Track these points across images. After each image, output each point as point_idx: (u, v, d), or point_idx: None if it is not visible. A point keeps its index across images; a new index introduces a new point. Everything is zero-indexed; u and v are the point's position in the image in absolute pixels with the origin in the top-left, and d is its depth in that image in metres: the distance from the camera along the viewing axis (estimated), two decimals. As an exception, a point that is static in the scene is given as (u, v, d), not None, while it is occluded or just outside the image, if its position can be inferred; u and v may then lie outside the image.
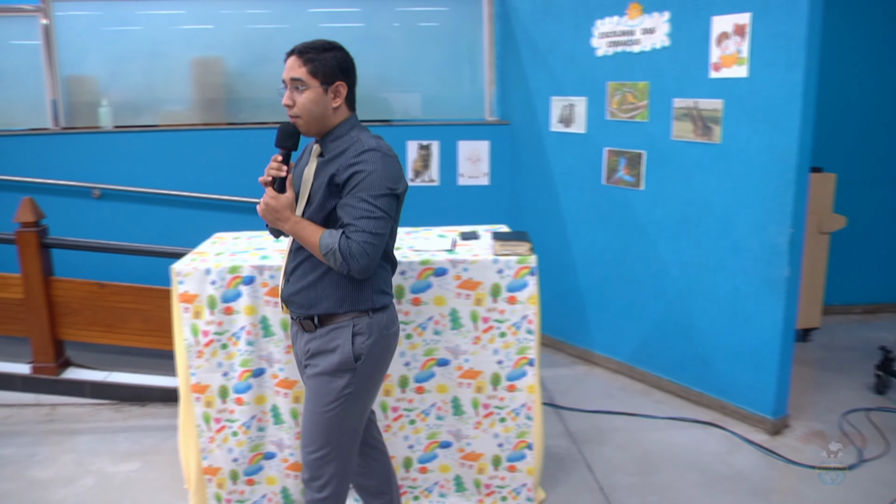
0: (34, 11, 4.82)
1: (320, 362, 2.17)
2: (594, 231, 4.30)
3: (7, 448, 3.51)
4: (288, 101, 2.09)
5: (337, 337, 2.15)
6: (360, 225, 2.01)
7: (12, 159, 4.84)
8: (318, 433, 2.20)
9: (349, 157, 2.05)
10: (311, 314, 2.17)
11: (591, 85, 4.16)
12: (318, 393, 2.18)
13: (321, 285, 2.14)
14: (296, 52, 2.09)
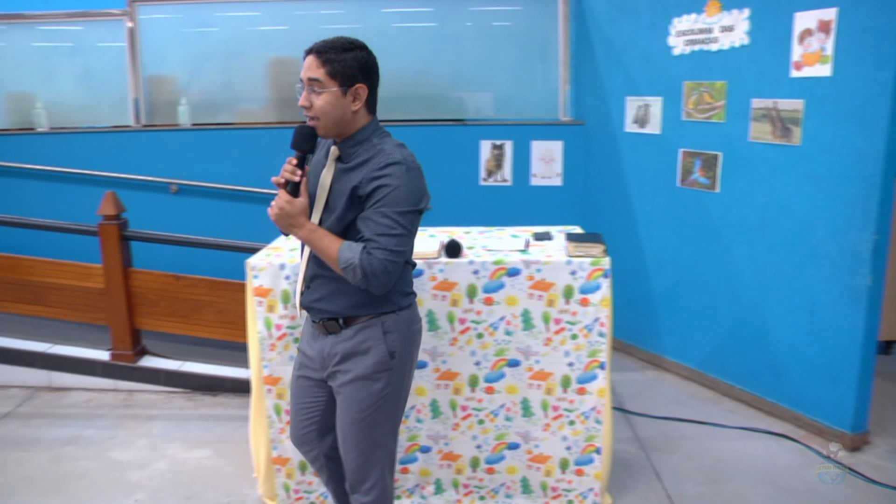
0: (121, 15, 5.02)
1: (353, 366, 2.11)
2: (667, 234, 4.21)
3: (89, 429, 3.67)
4: (305, 102, 1.99)
5: (368, 337, 2.10)
6: (382, 242, 1.94)
7: (96, 155, 5.04)
8: (361, 438, 2.16)
9: (373, 169, 1.96)
10: (335, 316, 2.12)
11: (666, 84, 4.07)
12: (355, 398, 2.13)
13: (346, 291, 2.08)
14: (314, 50, 1.98)
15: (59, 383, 4.17)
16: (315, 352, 2.21)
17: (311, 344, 2.24)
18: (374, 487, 2.22)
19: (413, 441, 2.86)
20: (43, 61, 5.22)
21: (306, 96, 1.99)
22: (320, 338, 2.19)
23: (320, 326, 2.16)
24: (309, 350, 2.25)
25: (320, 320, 2.15)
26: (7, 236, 4.61)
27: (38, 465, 3.32)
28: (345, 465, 2.24)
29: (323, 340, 2.17)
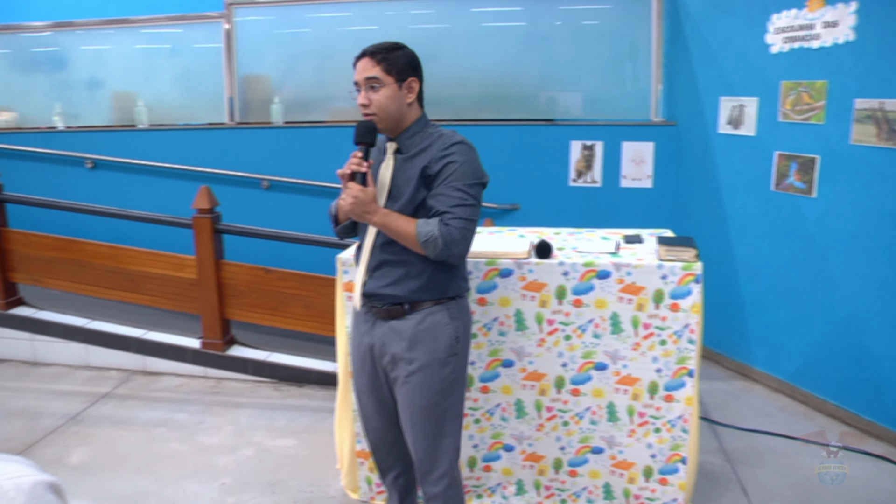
0: (218, 17, 5.22)
1: (420, 354, 2.18)
2: (760, 240, 4.07)
3: (179, 413, 3.82)
4: (364, 100, 2.13)
5: (436, 323, 2.19)
6: (457, 212, 2.08)
7: (192, 151, 5.25)
8: (431, 425, 2.23)
9: (439, 150, 2.12)
10: (401, 301, 2.19)
11: (763, 84, 3.93)
12: (424, 385, 2.19)
13: (411, 277, 2.17)
14: (367, 53, 2.14)
15: (153, 368, 4.36)
16: (372, 342, 2.27)
17: (367, 337, 2.29)
18: (444, 476, 2.27)
19: (497, 439, 2.86)
20: (144, 62, 5.48)
21: (364, 95, 2.13)
22: (378, 325, 2.25)
23: (382, 313, 2.23)
24: (365, 341, 2.30)
25: (383, 306, 2.21)
26: (108, 227, 4.82)
27: (133, 443, 3.49)
28: (414, 455, 2.30)
29: (382, 328, 2.24)
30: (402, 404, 2.26)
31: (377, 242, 2.22)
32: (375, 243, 2.22)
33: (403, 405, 2.25)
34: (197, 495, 3.05)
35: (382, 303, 2.21)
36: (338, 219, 2.37)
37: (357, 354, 2.37)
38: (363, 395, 2.40)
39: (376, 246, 2.22)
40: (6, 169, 4.73)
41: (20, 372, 4.40)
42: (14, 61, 5.71)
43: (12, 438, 3.52)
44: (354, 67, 2.17)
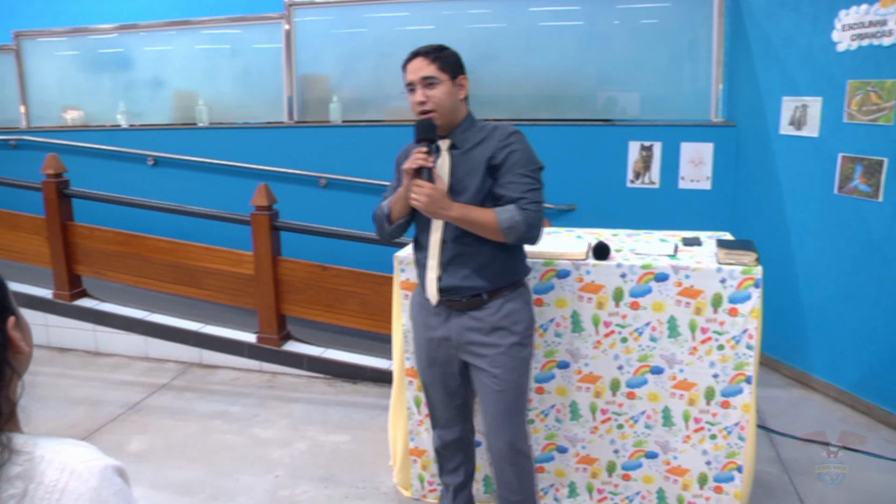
0: (278, 18, 5.31)
1: (503, 338, 2.28)
2: (822, 244, 3.95)
3: (235, 406, 3.90)
4: (421, 97, 2.20)
5: (515, 308, 2.30)
6: (530, 196, 2.18)
7: (251, 149, 5.36)
8: (516, 405, 2.35)
9: (500, 140, 2.21)
10: (480, 292, 2.27)
11: (828, 83, 3.81)
12: (509, 367, 2.29)
13: (486, 265, 2.25)
14: (420, 54, 2.22)
15: (209, 361, 4.46)
16: (451, 332, 2.33)
17: (440, 329, 2.36)
18: (529, 448, 2.43)
19: (550, 440, 2.85)
20: (205, 62, 5.62)
21: (421, 93, 2.20)
22: (454, 317, 2.32)
23: (461, 305, 2.29)
24: (438, 334, 2.36)
25: (462, 299, 2.28)
26: (168, 222, 4.94)
27: (189, 434, 3.58)
28: (497, 439, 2.37)
29: (459, 319, 2.31)
30: (489, 389, 2.33)
31: (447, 237, 2.27)
32: (445, 238, 2.27)
33: (490, 390, 2.32)
34: (251, 487, 3.11)
35: (461, 296, 2.28)
36: (390, 218, 2.38)
37: (427, 348, 2.43)
38: (433, 386, 2.47)
39: (446, 241, 2.27)
40: (73, 165, 4.88)
41: (83, 361, 4.56)
42: (82, 62, 5.92)
43: (77, 425, 3.65)
44: (405, 70, 2.25)
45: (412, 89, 2.23)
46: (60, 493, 0.87)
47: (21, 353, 0.96)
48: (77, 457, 0.91)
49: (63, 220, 4.65)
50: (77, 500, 0.88)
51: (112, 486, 0.91)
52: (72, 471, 0.89)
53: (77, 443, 0.94)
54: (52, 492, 0.87)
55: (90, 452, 0.93)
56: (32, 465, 0.89)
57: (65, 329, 4.69)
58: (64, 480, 0.88)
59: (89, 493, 0.89)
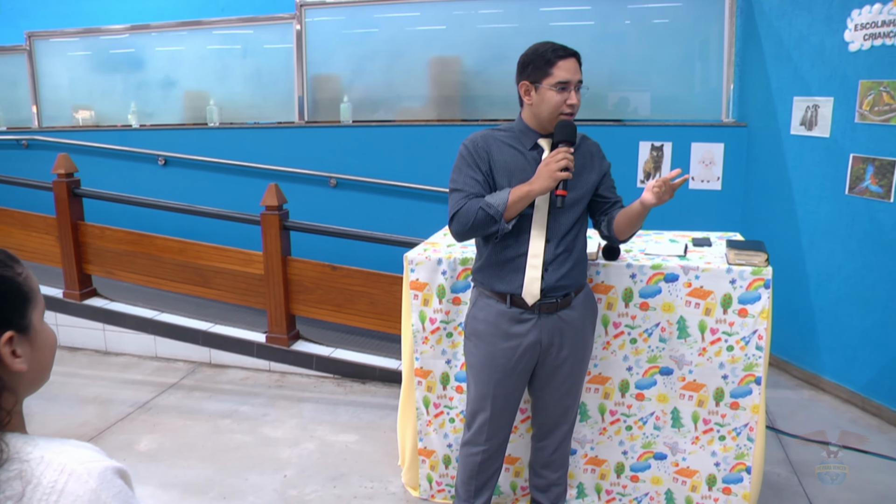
0: (289, 19, 5.32)
1: (583, 332, 2.42)
2: (832, 245, 3.93)
3: (244, 406, 3.91)
4: (577, 100, 2.22)
5: (591, 300, 2.48)
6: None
7: (262, 149, 5.37)
8: (577, 398, 2.55)
9: (598, 151, 2.43)
10: (571, 290, 2.35)
11: (840, 83, 3.79)
12: (583, 360, 2.47)
13: (577, 263, 2.35)
14: (574, 54, 2.20)
15: (219, 360, 4.47)
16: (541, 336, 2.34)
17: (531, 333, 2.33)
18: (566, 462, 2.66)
19: (559, 442, 2.84)
20: (216, 63, 5.64)
21: (575, 96, 2.22)
22: (543, 319, 2.32)
23: (552, 307, 2.32)
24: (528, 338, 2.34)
25: (557, 299, 2.32)
26: (179, 222, 4.97)
27: (199, 433, 3.59)
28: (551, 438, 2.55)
29: (548, 320, 2.33)
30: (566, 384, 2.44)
31: (550, 237, 2.29)
32: (549, 237, 2.29)
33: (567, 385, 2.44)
34: (260, 486, 3.11)
35: (556, 296, 2.31)
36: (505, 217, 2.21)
37: (507, 358, 2.35)
38: (505, 399, 2.42)
39: (549, 240, 2.28)
40: (84, 165, 4.91)
41: (93, 360, 4.58)
42: (93, 62, 5.95)
43: (86, 424, 3.66)
44: (554, 65, 2.18)
45: (564, 88, 2.19)
46: (59, 495, 0.88)
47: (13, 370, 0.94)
48: (76, 458, 0.91)
49: (74, 220, 4.68)
50: (75, 502, 0.88)
51: (112, 488, 0.91)
52: (70, 472, 0.89)
53: (78, 444, 0.94)
54: (49, 493, 0.87)
55: (90, 454, 0.93)
56: (31, 466, 0.89)
57: (75, 328, 4.71)
58: (62, 482, 0.88)
59: (88, 494, 0.89)
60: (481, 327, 2.38)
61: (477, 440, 2.50)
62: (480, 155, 2.28)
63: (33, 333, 0.98)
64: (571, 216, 2.31)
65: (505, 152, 2.28)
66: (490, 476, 2.58)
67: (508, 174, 2.25)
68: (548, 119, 2.23)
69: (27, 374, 0.97)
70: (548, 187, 2.17)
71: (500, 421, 2.47)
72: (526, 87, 2.26)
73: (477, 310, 2.42)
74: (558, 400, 2.47)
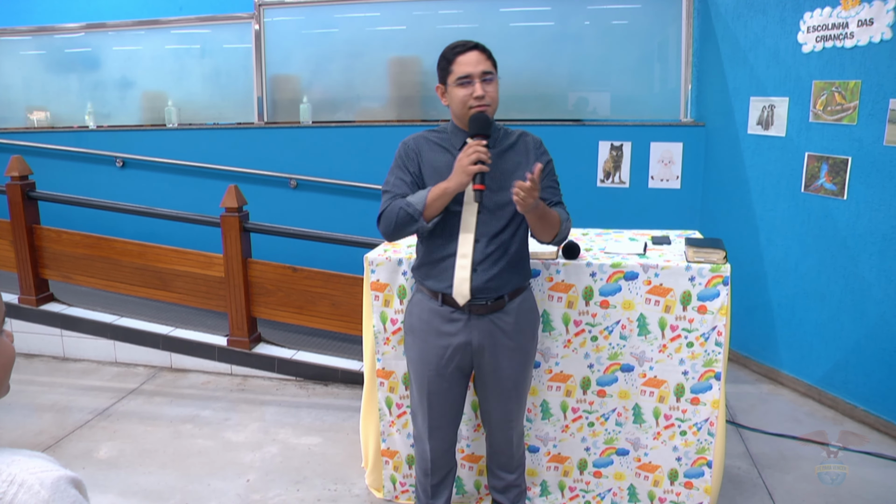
0: (248, 18, 5.26)
1: (519, 336, 2.34)
2: (789, 242, 4.01)
3: (206, 410, 3.86)
4: (481, 91, 2.16)
5: (530, 307, 2.40)
6: (562, 202, 2.37)
7: (221, 150, 5.30)
8: (521, 404, 2.46)
9: (536, 147, 2.33)
10: (503, 294, 2.28)
11: (794, 84, 3.88)
12: (521, 365, 2.38)
13: (511, 265, 2.28)
14: (476, 47, 2.20)
15: (179, 365, 4.41)
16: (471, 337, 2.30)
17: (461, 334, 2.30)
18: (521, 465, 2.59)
19: (521, 440, 2.85)
20: (174, 62, 5.55)
21: (481, 87, 2.16)
22: (474, 321, 2.28)
23: (484, 309, 2.27)
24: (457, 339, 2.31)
25: (487, 301, 2.26)
26: (137, 225, 4.89)
27: (160, 439, 3.53)
28: (500, 441, 2.47)
29: (479, 322, 2.28)
30: (504, 388, 2.37)
31: (480, 237, 2.23)
32: (478, 237, 2.23)
33: (505, 389, 2.37)
34: (222, 491, 3.07)
35: (486, 297, 2.26)
36: (425, 216, 2.20)
37: (439, 356, 2.34)
38: (439, 396, 2.40)
39: (479, 239, 2.23)
40: (39, 167, 4.80)
41: (50, 367, 4.48)
42: (48, 62, 5.82)
43: (43, 432, 3.58)
44: (454, 61, 2.17)
45: (467, 82, 2.15)
46: None
47: None
48: (27, 468, 0.88)
49: (29, 224, 4.57)
50: None
51: (65, 499, 0.88)
52: (21, 483, 0.87)
53: (31, 453, 0.92)
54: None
55: (43, 463, 0.90)
56: None
57: (31, 335, 4.60)
58: (11, 493, 0.86)
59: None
60: (416, 324, 2.39)
61: (422, 435, 2.52)
62: (410, 156, 2.30)
63: None
64: (504, 216, 2.25)
65: (435, 153, 2.28)
66: (445, 475, 2.57)
67: (438, 175, 2.23)
68: (462, 115, 2.21)
69: None
70: (462, 183, 2.12)
71: (441, 420, 2.46)
72: (441, 90, 2.28)
73: (413, 306, 2.43)
74: (501, 405, 2.42)
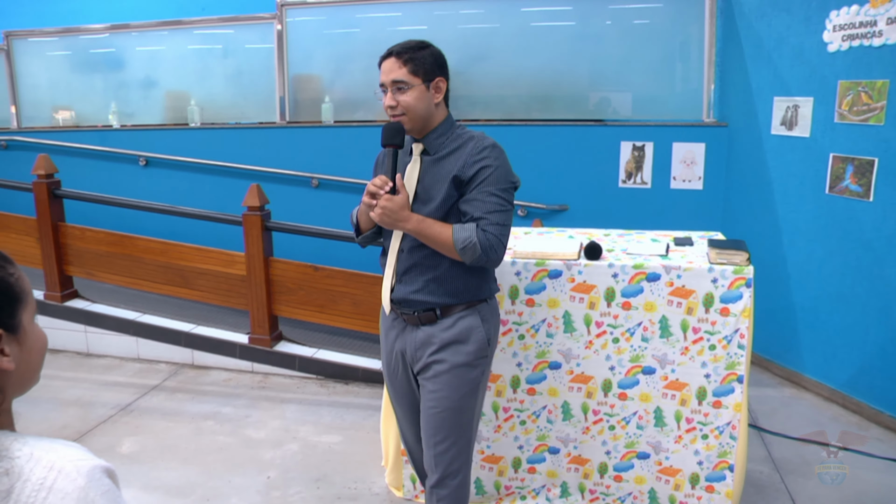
0: (270, 18, 5.30)
1: (451, 355, 2.15)
2: (813, 244, 3.97)
3: (227, 407, 3.89)
4: (391, 101, 2.08)
5: (468, 326, 2.16)
6: (493, 218, 2.05)
7: (243, 149, 5.34)
8: (451, 426, 2.20)
9: (472, 154, 2.08)
10: (433, 307, 2.16)
11: (819, 84, 3.83)
12: (452, 386, 2.16)
13: (443, 280, 2.14)
14: (393, 53, 2.08)
15: (201, 362, 4.45)
16: (404, 347, 2.25)
17: (398, 341, 2.28)
18: (459, 473, 2.25)
19: (542, 441, 2.85)
20: (197, 63, 5.60)
21: (391, 97, 2.09)
22: (409, 331, 2.23)
23: (413, 319, 2.20)
24: (397, 347, 2.28)
25: (415, 312, 2.18)
26: (160, 223, 4.93)
27: (181, 435, 3.56)
28: (432, 458, 2.24)
29: (413, 334, 2.22)
30: (427, 405, 2.22)
31: (404, 247, 2.18)
32: (402, 248, 2.18)
33: (428, 406, 2.21)
34: (243, 488, 3.10)
35: (413, 309, 2.18)
36: (359, 228, 2.31)
37: (388, 360, 2.35)
38: (396, 400, 2.41)
39: (403, 250, 2.18)
40: (64, 166, 4.86)
41: (74, 362, 4.54)
42: (73, 62, 5.89)
43: (67, 426, 3.63)
44: (380, 67, 2.12)
45: (383, 91, 2.12)
46: (47, 492, 0.88)
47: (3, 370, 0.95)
48: (66, 456, 0.92)
49: (54, 221, 4.63)
50: (64, 499, 0.89)
51: (100, 487, 0.92)
52: (59, 469, 0.90)
53: (67, 443, 0.95)
54: (38, 489, 0.88)
55: (79, 452, 0.94)
56: (20, 463, 0.90)
57: (56, 330, 4.65)
58: (51, 479, 0.89)
59: (76, 492, 0.89)
60: (381, 324, 2.42)
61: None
62: (377, 164, 2.34)
63: (22, 334, 0.99)
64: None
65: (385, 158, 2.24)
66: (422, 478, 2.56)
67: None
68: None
69: (15, 373, 0.97)
70: (364, 211, 2.19)
71: (405, 427, 2.47)
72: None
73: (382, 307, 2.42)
74: (426, 420, 2.23)
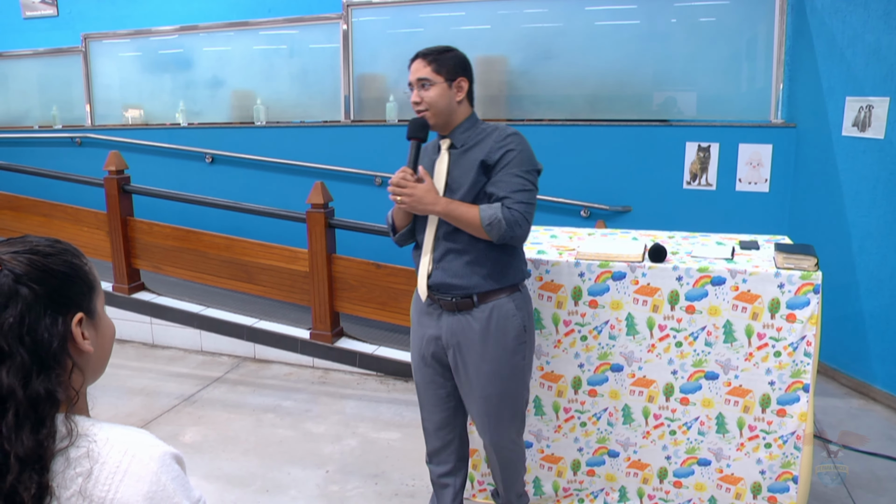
0: (336, 19, 5.38)
1: (492, 347, 2.27)
2: (885, 250, 3.83)
3: (287, 401, 3.96)
4: (416, 98, 2.26)
5: (504, 315, 2.28)
6: (518, 197, 2.18)
7: (308, 147, 5.44)
8: (504, 411, 2.35)
9: (497, 141, 2.23)
10: (470, 294, 2.26)
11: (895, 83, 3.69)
12: (497, 375, 2.30)
13: (477, 265, 2.25)
14: (419, 55, 2.28)
15: (263, 356, 4.54)
16: (439, 334, 2.34)
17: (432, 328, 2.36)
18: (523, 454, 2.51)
19: (602, 444, 2.83)
20: (263, 62, 5.73)
21: (417, 93, 2.26)
22: (445, 317, 2.32)
23: (450, 305, 2.30)
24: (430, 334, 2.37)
25: (452, 298, 2.28)
26: (225, 219, 5.05)
27: (242, 426, 3.65)
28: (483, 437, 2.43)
29: (449, 319, 2.31)
30: (474, 395, 2.34)
31: (440, 233, 2.29)
32: (438, 234, 2.29)
33: (475, 395, 2.34)
34: (302, 480, 3.16)
35: (450, 295, 2.28)
36: (395, 227, 2.43)
37: (419, 346, 2.43)
38: (425, 387, 2.48)
39: (439, 237, 2.29)
40: (133, 162, 5.03)
41: (140, 353, 4.70)
42: (143, 63, 6.11)
43: (133, 414, 3.76)
44: (409, 69, 2.30)
45: (412, 89, 2.29)
46: (123, 475, 0.93)
47: (82, 350, 1.00)
48: (139, 442, 0.97)
49: (123, 216, 4.80)
50: (138, 482, 0.93)
51: (171, 472, 0.97)
52: (134, 454, 0.95)
53: (139, 430, 1.00)
54: (115, 472, 0.93)
55: (151, 439, 0.99)
56: (98, 446, 0.94)
57: (123, 321, 4.81)
58: (126, 463, 0.94)
59: (150, 476, 0.94)
60: (412, 312, 2.50)
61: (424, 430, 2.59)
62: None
63: (97, 319, 1.04)
64: None
65: (427, 156, 2.37)
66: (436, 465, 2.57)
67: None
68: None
69: (91, 357, 1.03)
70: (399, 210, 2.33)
71: (426, 412, 2.52)
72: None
73: (414, 295, 2.52)
74: (474, 409, 2.40)
